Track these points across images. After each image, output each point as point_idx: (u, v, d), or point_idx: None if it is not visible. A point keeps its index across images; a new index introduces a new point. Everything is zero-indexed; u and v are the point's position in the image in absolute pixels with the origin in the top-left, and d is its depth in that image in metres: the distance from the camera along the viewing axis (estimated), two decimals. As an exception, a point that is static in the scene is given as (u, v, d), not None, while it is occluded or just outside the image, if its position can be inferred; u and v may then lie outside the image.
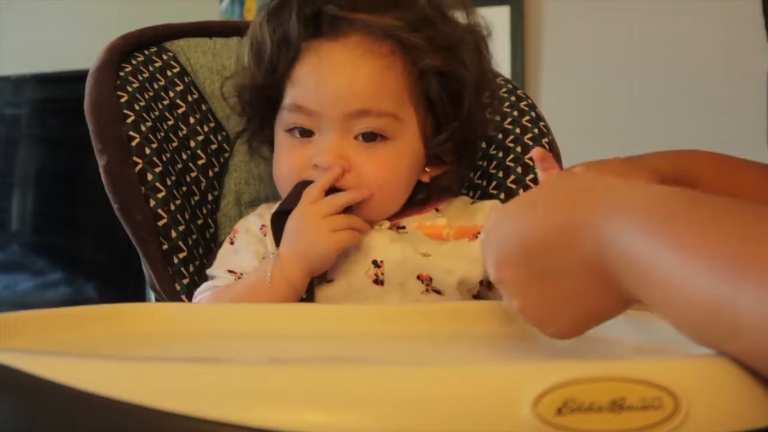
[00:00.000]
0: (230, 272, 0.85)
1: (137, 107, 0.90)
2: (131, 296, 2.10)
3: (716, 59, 1.96)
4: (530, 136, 1.00)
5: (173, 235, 0.87)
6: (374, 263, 0.81)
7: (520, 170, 0.96)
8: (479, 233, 0.62)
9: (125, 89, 0.90)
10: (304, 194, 0.80)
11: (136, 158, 0.87)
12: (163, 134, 0.91)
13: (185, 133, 0.94)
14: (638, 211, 0.46)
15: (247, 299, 0.79)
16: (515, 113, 1.01)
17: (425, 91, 0.84)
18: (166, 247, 0.87)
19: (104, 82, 0.90)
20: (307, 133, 0.84)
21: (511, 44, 2.06)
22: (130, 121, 0.89)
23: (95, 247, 2.35)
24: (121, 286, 2.24)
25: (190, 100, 0.96)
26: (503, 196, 0.95)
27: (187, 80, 0.97)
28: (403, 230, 0.85)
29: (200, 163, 0.95)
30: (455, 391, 0.34)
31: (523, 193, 0.90)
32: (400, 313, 0.68)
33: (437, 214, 0.87)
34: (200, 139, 0.95)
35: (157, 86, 0.94)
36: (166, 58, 0.97)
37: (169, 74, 0.96)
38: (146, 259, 0.87)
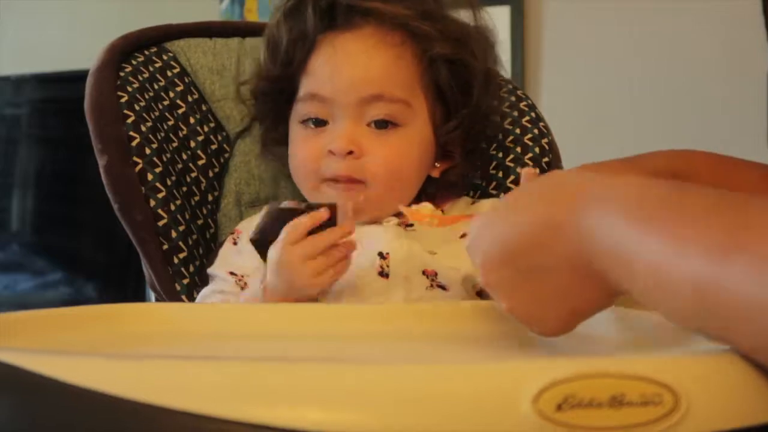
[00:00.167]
0: (232, 274, 0.85)
1: (137, 107, 0.90)
2: (131, 296, 2.10)
3: (716, 59, 1.96)
4: (530, 136, 1.00)
5: (173, 235, 0.87)
6: (380, 255, 0.82)
7: (519, 170, 0.96)
8: (463, 221, 0.62)
9: (125, 89, 0.91)
10: (286, 232, 0.76)
11: (136, 158, 0.88)
12: (163, 134, 0.91)
13: (185, 133, 0.95)
14: (618, 201, 0.45)
15: None
16: (515, 113, 1.01)
17: (435, 79, 0.87)
18: (166, 247, 0.87)
19: (104, 82, 0.90)
20: (320, 123, 0.86)
21: (511, 44, 2.06)
22: (130, 121, 0.89)
23: (95, 247, 2.35)
24: (121, 286, 2.24)
25: (190, 100, 0.96)
26: (503, 196, 0.95)
27: (187, 80, 0.97)
28: (410, 228, 0.86)
29: (200, 163, 0.95)
30: (456, 388, 0.34)
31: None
32: (400, 312, 0.69)
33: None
34: (200, 139, 0.96)
35: (157, 86, 0.94)
36: (166, 58, 0.97)
37: (169, 74, 0.96)
38: (146, 259, 0.87)
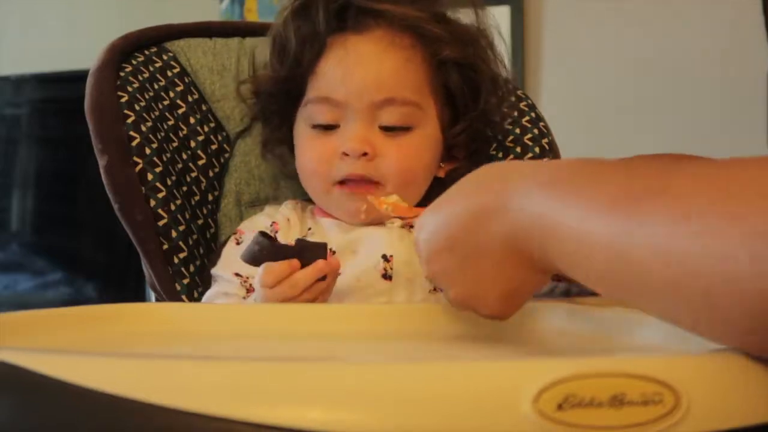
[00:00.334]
0: (237, 275, 0.85)
1: (137, 107, 0.90)
2: (131, 296, 2.10)
3: (716, 59, 1.96)
4: (530, 136, 1.00)
5: (173, 235, 0.87)
6: (384, 257, 0.82)
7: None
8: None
9: (125, 89, 0.90)
10: (262, 274, 0.73)
11: (136, 158, 0.88)
12: (163, 134, 0.91)
13: (185, 133, 0.95)
14: (542, 180, 0.48)
15: None
16: (515, 113, 1.01)
17: (444, 82, 0.87)
18: (166, 247, 0.87)
19: (104, 82, 0.90)
20: (330, 126, 0.86)
21: (511, 44, 2.06)
22: (130, 121, 0.89)
23: (95, 247, 2.35)
24: (121, 286, 2.24)
25: (190, 100, 0.96)
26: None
27: (187, 80, 0.97)
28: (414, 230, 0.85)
29: (200, 163, 0.95)
30: (456, 387, 0.34)
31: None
32: (400, 312, 0.69)
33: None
34: (200, 139, 0.96)
35: (157, 86, 0.94)
36: (166, 58, 0.97)
37: (169, 74, 0.96)
38: (146, 259, 0.87)
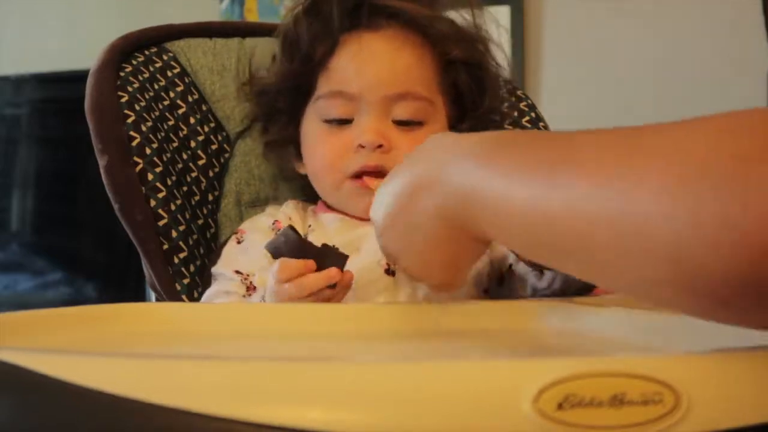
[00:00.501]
0: (237, 272, 0.85)
1: (138, 107, 0.90)
2: (131, 296, 2.09)
3: (716, 59, 1.96)
4: (530, 136, 1.00)
5: (174, 235, 0.87)
6: None
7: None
8: None
9: (126, 89, 0.90)
10: (277, 268, 0.72)
11: (136, 158, 0.88)
12: (163, 134, 0.91)
13: (186, 133, 0.95)
14: (468, 151, 0.50)
15: None
16: (515, 113, 1.01)
17: (452, 81, 0.89)
18: (166, 247, 0.87)
19: (105, 82, 0.90)
20: (344, 120, 0.86)
21: (511, 44, 2.06)
22: (130, 121, 0.89)
23: (95, 247, 2.35)
24: (121, 286, 2.24)
25: (190, 100, 0.96)
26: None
27: (187, 80, 0.97)
28: None
29: (200, 163, 0.95)
30: (456, 387, 0.34)
31: None
32: (400, 311, 0.69)
33: None
34: (200, 139, 0.96)
35: (157, 86, 0.94)
36: (166, 58, 0.97)
37: (169, 74, 0.96)
38: (146, 259, 0.87)
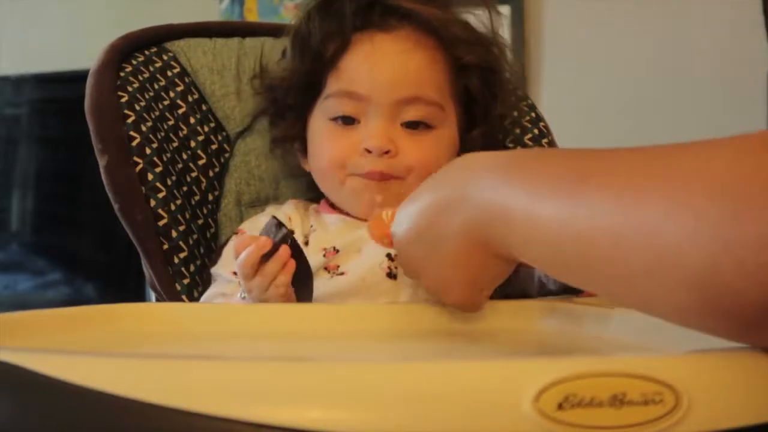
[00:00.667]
0: (235, 274, 0.85)
1: (138, 107, 0.90)
2: (131, 296, 2.09)
3: (716, 59, 1.96)
4: (530, 136, 1.00)
5: (174, 235, 0.87)
6: (388, 256, 0.81)
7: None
8: None
9: (126, 89, 0.90)
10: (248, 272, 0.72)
11: (136, 158, 0.88)
12: (163, 134, 0.91)
13: (185, 133, 0.95)
14: (496, 169, 0.50)
15: None
16: (515, 113, 1.01)
17: (464, 85, 0.87)
18: (166, 247, 0.87)
19: (105, 82, 0.90)
20: (351, 120, 0.85)
21: (511, 44, 2.06)
22: (130, 121, 0.89)
23: (95, 247, 2.36)
24: (121, 286, 2.25)
25: (190, 100, 0.96)
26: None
27: (187, 80, 0.97)
28: None
29: (200, 163, 0.95)
30: (456, 387, 0.34)
31: None
32: (400, 311, 0.69)
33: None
34: (200, 139, 0.96)
35: (157, 86, 0.94)
36: (166, 58, 0.97)
37: (169, 74, 0.96)
38: (147, 259, 0.87)
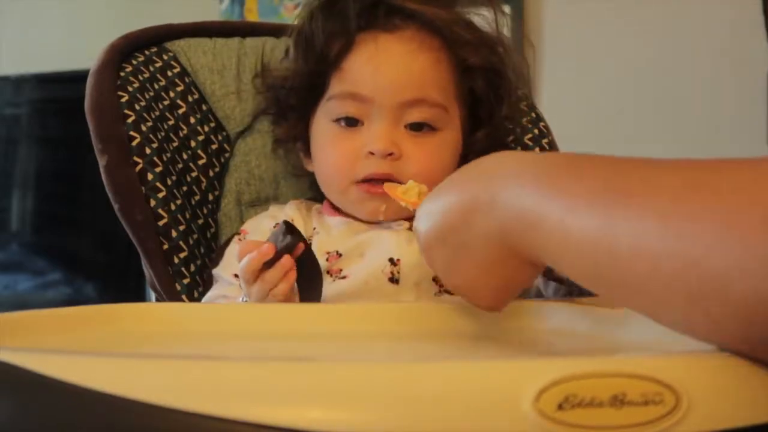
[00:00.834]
0: (236, 276, 0.85)
1: (138, 107, 0.90)
2: (131, 296, 2.09)
3: (716, 59, 1.96)
4: (530, 136, 1.00)
5: (174, 234, 0.87)
6: (391, 261, 0.81)
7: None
8: None
9: (126, 89, 0.90)
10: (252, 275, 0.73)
11: (136, 158, 0.88)
12: (163, 134, 0.91)
13: (186, 133, 0.95)
14: (528, 174, 0.49)
15: None
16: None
17: (468, 87, 0.86)
18: (166, 246, 0.87)
19: (105, 82, 0.90)
20: (354, 122, 0.84)
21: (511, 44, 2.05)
22: (130, 121, 0.89)
23: (95, 247, 2.36)
24: (121, 286, 2.25)
25: (190, 100, 0.96)
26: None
27: (187, 80, 0.97)
28: None
29: (201, 163, 0.95)
30: (456, 387, 0.34)
31: None
32: (400, 312, 0.69)
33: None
34: (201, 139, 0.96)
35: (157, 86, 0.94)
36: (166, 58, 0.97)
37: (169, 74, 0.96)
38: (147, 259, 0.87)
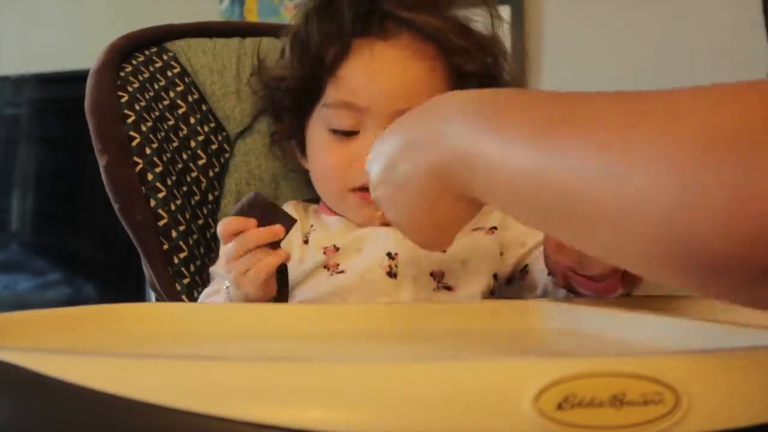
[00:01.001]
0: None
1: (138, 107, 0.90)
2: (131, 296, 2.09)
3: (716, 59, 1.96)
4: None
5: (174, 235, 0.87)
6: (388, 255, 0.81)
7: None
8: None
9: (126, 89, 0.91)
10: (240, 239, 0.73)
11: (136, 158, 0.88)
12: (163, 134, 0.91)
13: (185, 133, 0.95)
14: (470, 110, 0.48)
15: None
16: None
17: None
18: (166, 247, 0.87)
19: (105, 82, 0.90)
20: (350, 131, 0.84)
21: (511, 44, 2.06)
22: (130, 121, 0.89)
23: (95, 247, 2.35)
24: (121, 286, 2.24)
25: (190, 100, 0.96)
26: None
27: (187, 80, 0.97)
28: None
29: (200, 163, 0.95)
30: (456, 386, 0.34)
31: None
32: (400, 311, 0.69)
33: None
34: (200, 139, 0.96)
35: (157, 86, 0.94)
36: (166, 58, 0.97)
37: (169, 74, 0.96)
38: (147, 259, 0.87)
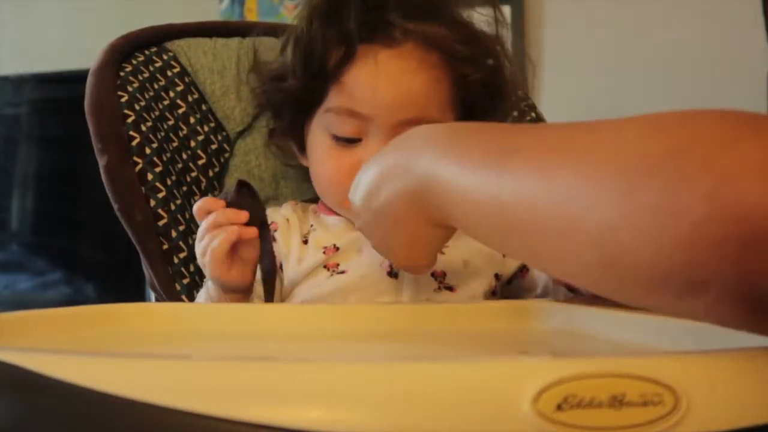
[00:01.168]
0: None
1: (137, 107, 0.90)
2: (131, 296, 2.08)
3: (716, 59, 1.96)
4: (530, 136, 1.00)
5: (173, 235, 0.87)
6: None
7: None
8: None
9: (125, 89, 0.91)
10: (209, 219, 0.75)
11: (136, 158, 0.88)
12: (163, 134, 0.91)
13: (185, 133, 0.95)
14: (437, 142, 0.54)
15: None
16: (515, 114, 1.02)
17: (467, 101, 0.85)
18: (166, 247, 0.87)
19: (104, 82, 0.90)
20: (353, 138, 0.83)
21: (511, 44, 2.06)
22: (130, 121, 0.89)
23: (95, 247, 2.35)
24: (121, 286, 2.24)
25: (190, 100, 0.96)
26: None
27: (187, 80, 0.97)
28: None
29: (200, 163, 0.95)
30: (455, 387, 0.34)
31: None
32: (400, 312, 0.69)
33: None
34: (200, 139, 0.96)
35: (157, 86, 0.94)
36: (166, 58, 0.97)
37: (169, 74, 0.96)
38: (146, 259, 0.87)
